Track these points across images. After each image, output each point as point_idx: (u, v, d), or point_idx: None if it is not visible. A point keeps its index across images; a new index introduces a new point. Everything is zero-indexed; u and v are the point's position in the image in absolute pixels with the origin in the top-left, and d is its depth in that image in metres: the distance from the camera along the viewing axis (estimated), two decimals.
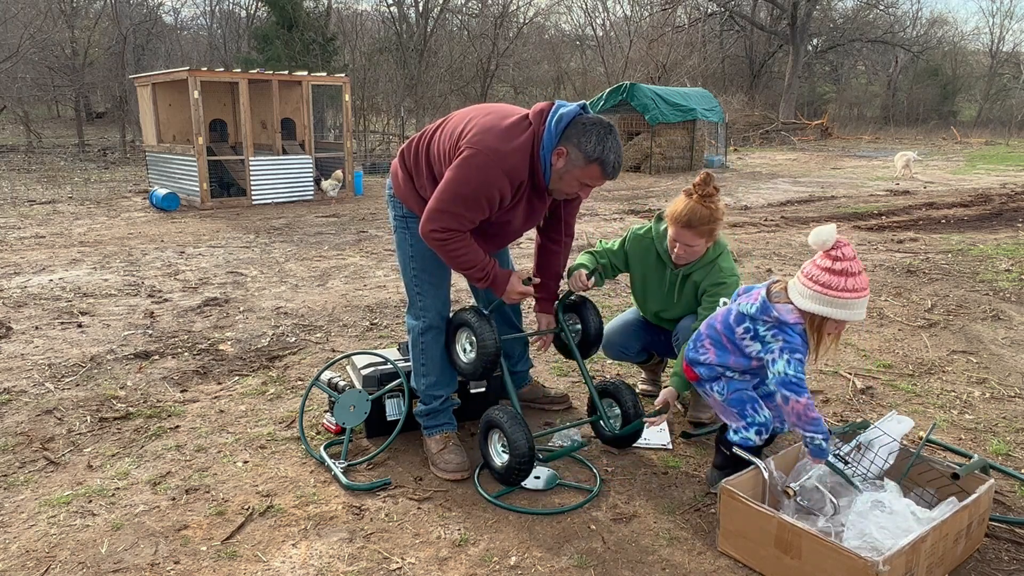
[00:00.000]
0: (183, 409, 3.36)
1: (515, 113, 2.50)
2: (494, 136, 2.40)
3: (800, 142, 25.88)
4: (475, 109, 2.59)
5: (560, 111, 2.43)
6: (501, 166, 2.38)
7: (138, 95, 11.70)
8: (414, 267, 2.76)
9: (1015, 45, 48.93)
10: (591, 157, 2.40)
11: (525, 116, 2.47)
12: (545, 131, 2.41)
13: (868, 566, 1.90)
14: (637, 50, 30.14)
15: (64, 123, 24.01)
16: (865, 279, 2.23)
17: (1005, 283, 5.76)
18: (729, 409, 2.54)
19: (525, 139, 2.42)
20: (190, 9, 54.91)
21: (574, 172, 2.44)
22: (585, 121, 2.42)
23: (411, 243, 2.74)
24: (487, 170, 2.38)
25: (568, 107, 2.45)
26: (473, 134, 2.41)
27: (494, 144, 2.38)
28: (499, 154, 2.38)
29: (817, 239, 2.22)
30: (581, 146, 2.39)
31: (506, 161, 2.39)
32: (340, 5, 27.03)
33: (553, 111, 2.44)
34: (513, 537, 2.38)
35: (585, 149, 2.39)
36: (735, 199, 11.49)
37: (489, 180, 2.39)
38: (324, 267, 6.45)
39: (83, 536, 2.37)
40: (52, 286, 5.66)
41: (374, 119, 23.31)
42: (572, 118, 2.42)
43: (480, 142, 2.38)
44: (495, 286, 2.65)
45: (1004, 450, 2.98)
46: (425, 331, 2.80)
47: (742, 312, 2.41)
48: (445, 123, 2.62)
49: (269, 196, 10.65)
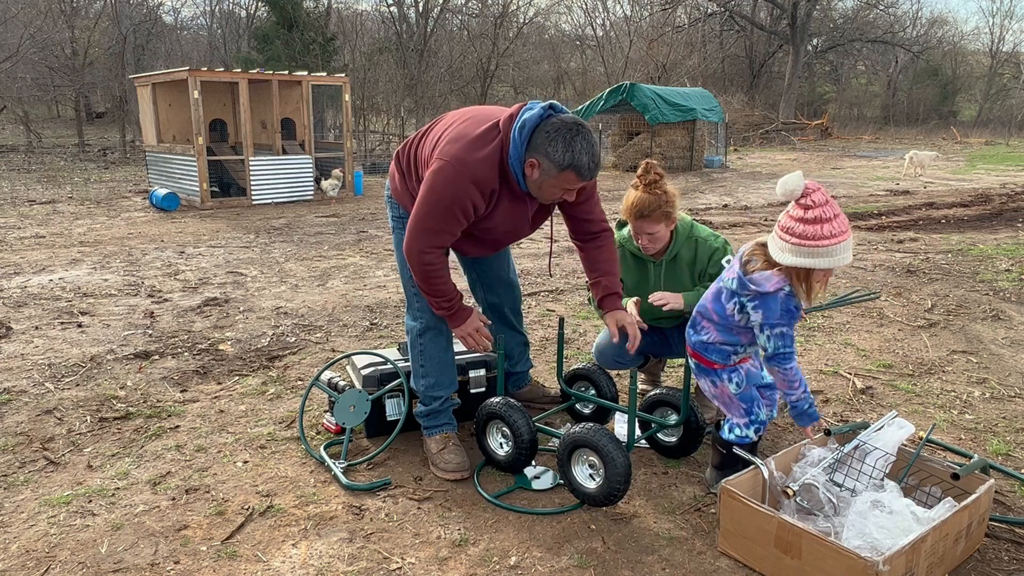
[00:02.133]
0: (183, 409, 3.36)
1: (493, 118, 2.45)
2: (462, 147, 2.38)
3: (800, 142, 25.88)
4: (460, 114, 2.59)
5: (523, 117, 2.35)
6: (469, 177, 2.36)
7: (138, 95, 11.70)
8: None
9: (1015, 45, 48.98)
10: (563, 165, 2.33)
11: (497, 122, 2.42)
12: (511, 141, 2.36)
13: (868, 566, 1.90)
14: (637, 50, 30.13)
15: (64, 123, 24.01)
16: (843, 221, 2.12)
17: (1005, 283, 5.76)
18: (738, 403, 2.49)
19: (492, 148, 2.38)
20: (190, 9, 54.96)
21: (550, 181, 2.39)
22: (549, 128, 2.32)
23: None
24: (455, 182, 2.37)
25: (531, 112, 2.36)
26: (444, 144, 2.42)
27: (461, 155, 2.37)
28: (465, 164, 2.36)
29: (784, 189, 2.11)
30: (550, 155, 2.32)
31: (473, 172, 2.37)
32: (340, 5, 27.05)
33: (517, 118, 2.37)
34: (513, 537, 2.38)
35: (554, 158, 2.32)
36: (735, 199, 11.49)
37: (458, 192, 2.37)
38: (324, 267, 6.45)
39: (83, 536, 2.37)
40: (52, 286, 5.66)
41: (374, 119, 23.31)
42: (535, 125, 2.34)
43: (448, 152, 2.38)
44: (453, 319, 2.65)
45: (1004, 450, 2.98)
46: (423, 332, 2.80)
47: (727, 288, 2.35)
48: (433, 126, 2.63)
49: (269, 196, 10.65)
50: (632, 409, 2.60)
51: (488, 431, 2.80)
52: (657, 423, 2.86)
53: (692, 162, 16.86)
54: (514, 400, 2.76)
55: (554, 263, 6.58)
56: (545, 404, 3.34)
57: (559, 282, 5.88)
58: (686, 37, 32.21)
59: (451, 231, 2.47)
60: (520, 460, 2.69)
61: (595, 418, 3.17)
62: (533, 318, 4.82)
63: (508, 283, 3.14)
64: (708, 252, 2.99)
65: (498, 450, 2.77)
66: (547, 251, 3.02)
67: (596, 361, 3.29)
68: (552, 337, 4.39)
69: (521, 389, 3.36)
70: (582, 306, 5.13)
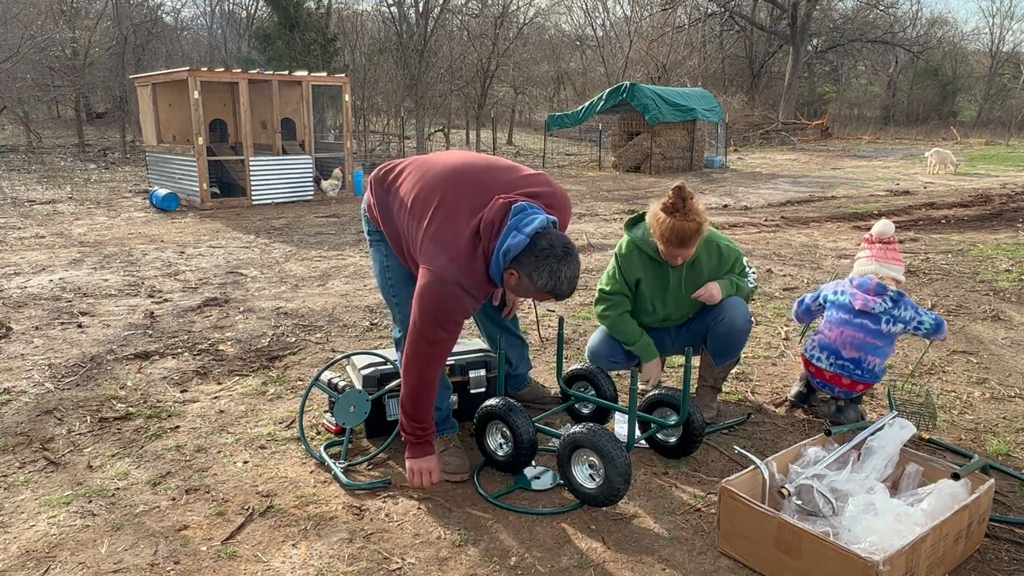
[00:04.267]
0: (183, 409, 3.36)
1: (474, 213, 2.39)
2: (450, 259, 2.37)
3: (800, 142, 25.89)
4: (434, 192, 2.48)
5: (508, 243, 2.29)
6: (462, 289, 2.40)
7: (138, 95, 11.70)
8: (390, 278, 2.78)
9: (1015, 45, 48.93)
10: (543, 290, 2.34)
11: (477, 229, 2.37)
12: (492, 260, 2.35)
13: (868, 566, 1.90)
14: (637, 50, 30.15)
15: (64, 123, 23.99)
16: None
17: (1005, 283, 5.76)
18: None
19: (478, 263, 2.38)
20: (190, 9, 54.86)
21: (527, 292, 2.42)
22: (538, 253, 2.28)
23: (384, 253, 2.78)
24: (451, 294, 2.39)
25: (519, 236, 2.29)
26: (432, 255, 2.40)
27: (451, 273, 2.37)
28: (456, 281, 2.38)
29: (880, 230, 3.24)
30: (532, 279, 2.32)
31: (465, 285, 2.40)
32: (340, 5, 27.04)
33: (502, 240, 2.31)
34: (513, 537, 2.38)
35: (536, 284, 2.32)
36: (735, 199, 11.49)
37: (455, 301, 2.41)
38: (324, 267, 6.45)
39: (83, 536, 2.37)
40: (52, 286, 5.66)
41: (374, 119, 23.32)
42: (521, 251, 2.30)
43: (437, 269, 2.37)
44: (416, 448, 2.60)
45: (1004, 450, 2.98)
46: None
47: (875, 314, 2.99)
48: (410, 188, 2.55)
49: (269, 196, 10.65)
50: (632, 409, 2.60)
51: (488, 432, 2.79)
52: (657, 423, 2.86)
53: (692, 162, 16.87)
54: (514, 401, 2.76)
55: None
56: (545, 404, 3.34)
57: None
58: (686, 37, 32.22)
59: (453, 337, 2.50)
60: (520, 461, 2.69)
61: (595, 418, 3.17)
62: (533, 318, 4.82)
63: None
64: (732, 256, 3.08)
65: (498, 451, 2.77)
66: None
67: (590, 362, 3.29)
68: (552, 337, 4.39)
69: (521, 390, 3.36)
70: (582, 306, 5.13)
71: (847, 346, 3.01)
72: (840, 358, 3.02)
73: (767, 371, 3.89)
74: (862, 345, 2.99)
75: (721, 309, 3.05)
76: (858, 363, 3.00)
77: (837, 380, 3.06)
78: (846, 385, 3.05)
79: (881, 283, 3.07)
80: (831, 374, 3.06)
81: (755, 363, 4.01)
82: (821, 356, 3.08)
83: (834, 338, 3.05)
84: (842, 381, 3.05)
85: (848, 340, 3.01)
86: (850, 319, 3.03)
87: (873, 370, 3.01)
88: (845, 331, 3.03)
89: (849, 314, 3.04)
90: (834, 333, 3.06)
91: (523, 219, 2.32)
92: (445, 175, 2.52)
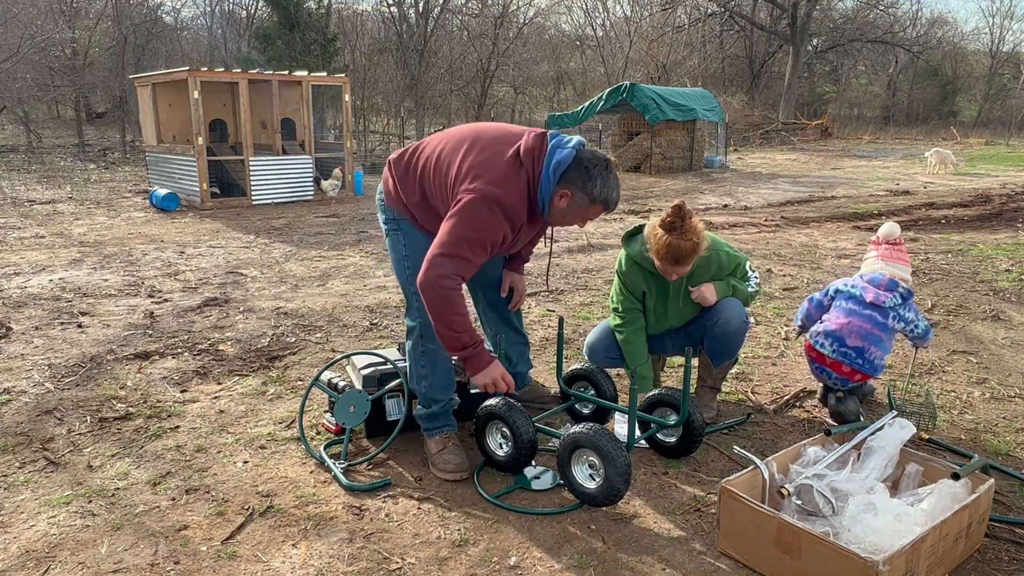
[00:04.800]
0: (183, 409, 3.36)
1: (508, 145, 2.49)
2: (494, 181, 2.42)
3: (800, 142, 25.88)
4: (465, 138, 2.58)
5: (556, 158, 2.43)
6: (503, 213, 2.43)
7: (138, 95, 11.70)
8: (408, 266, 2.76)
9: (1015, 45, 48.86)
10: (596, 199, 2.47)
11: (517, 153, 2.47)
12: (542, 177, 2.44)
13: (868, 566, 1.90)
14: (637, 50, 30.13)
15: (64, 123, 24.01)
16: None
17: (1005, 283, 5.76)
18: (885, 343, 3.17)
19: (521, 184, 2.45)
20: (190, 9, 54.84)
21: (578, 211, 2.50)
22: (587, 164, 2.44)
23: (404, 243, 2.76)
24: (490, 217, 2.42)
25: (564, 151, 2.44)
26: (472, 178, 2.44)
27: (496, 191, 2.41)
28: (500, 201, 2.42)
29: (887, 232, 3.51)
30: (586, 189, 2.44)
31: (507, 208, 2.44)
32: (340, 5, 27.03)
33: (548, 157, 2.44)
34: (513, 537, 2.38)
35: (591, 193, 2.45)
36: (735, 199, 11.49)
37: (494, 226, 2.44)
38: (324, 267, 6.45)
39: (83, 536, 2.37)
40: (52, 286, 5.66)
41: (374, 119, 23.33)
42: (569, 163, 2.44)
43: (481, 187, 2.41)
44: (475, 361, 2.56)
45: (1004, 450, 2.98)
46: (425, 331, 2.79)
47: (884, 307, 3.07)
48: (435, 147, 2.63)
49: (269, 196, 10.65)
50: (632, 409, 2.60)
51: (488, 431, 2.79)
52: (657, 423, 2.86)
53: (692, 162, 16.86)
54: (514, 400, 2.76)
55: (554, 263, 6.58)
56: (545, 404, 3.34)
57: (559, 282, 5.89)
58: (686, 37, 32.20)
59: (477, 262, 2.49)
60: (520, 460, 2.69)
61: (595, 418, 3.17)
62: (533, 318, 4.82)
63: None
64: (733, 264, 3.08)
65: (498, 451, 2.77)
66: (546, 251, 3.03)
67: (587, 359, 3.29)
68: (552, 337, 4.39)
69: (521, 389, 3.36)
70: (582, 306, 5.13)
71: (852, 335, 3.05)
72: (844, 345, 3.06)
73: (767, 371, 3.89)
74: (867, 335, 3.04)
75: (717, 311, 3.06)
76: (860, 352, 3.04)
77: (837, 367, 3.09)
78: (845, 372, 3.08)
79: (893, 279, 3.17)
80: (832, 360, 3.09)
81: (755, 363, 4.01)
82: (825, 343, 3.11)
83: (840, 326, 3.09)
84: (842, 368, 3.08)
85: (855, 329, 3.05)
86: (859, 310, 3.10)
87: (873, 361, 3.05)
88: (852, 320, 3.07)
89: (859, 305, 3.11)
90: (841, 321, 3.10)
91: (561, 140, 2.48)
92: (468, 129, 2.65)
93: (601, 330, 3.30)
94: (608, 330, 3.28)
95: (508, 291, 3.13)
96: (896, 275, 3.23)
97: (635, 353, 3.15)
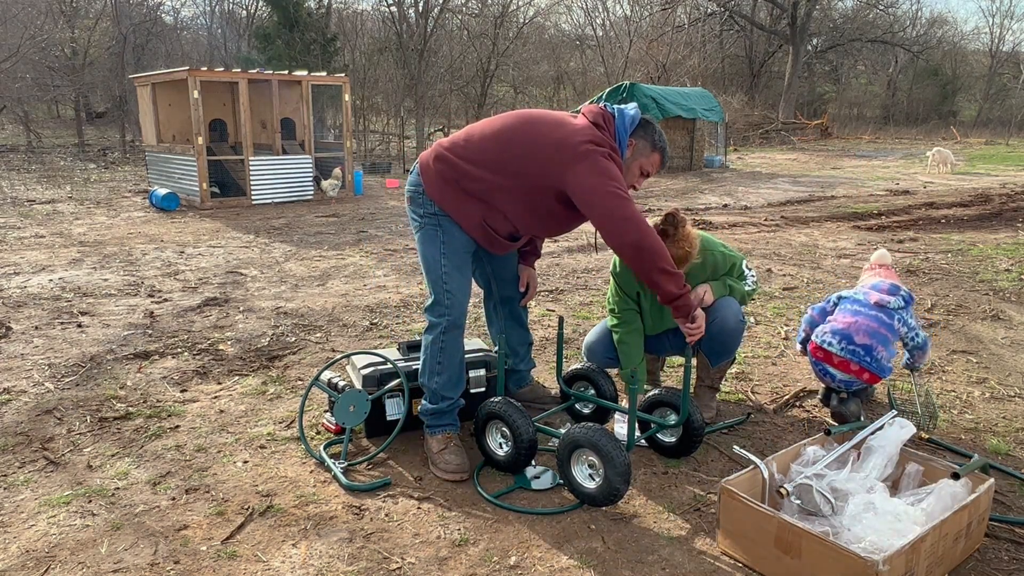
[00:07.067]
0: (183, 409, 3.36)
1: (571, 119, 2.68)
2: (592, 134, 2.58)
3: (800, 142, 25.89)
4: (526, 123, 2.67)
5: (628, 115, 2.69)
6: (611, 158, 2.59)
7: (138, 95, 11.70)
8: (445, 264, 2.75)
9: (1015, 45, 48.84)
10: (656, 146, 2.73)
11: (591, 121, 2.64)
12: (618, 132, 2.66)
13: (868, 566, 1.90)
14: (637, 50, 30.12)
15: (64, 123, 24.00)
16: None
17: (1005, 283, 5.76)
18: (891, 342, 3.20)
19: (608, 137, 2.64)
20: (190, 9, 54.87)
21: (639, 160, 2.73)
22: (648, 119, 2.76)
23: (443, 240, 2.76)
24: (607, 164, 2.56)
25: (631, 111, 2.71)
26: (577, 137, 2.56)
27: (600, 138, 2.58)
28: (611, 148, 2.60)
29: (879, 257, 3.70)
30: (648, 137, 2.71)
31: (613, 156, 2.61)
32: (340, 5, 27.02)
33: (619, 116, 2.67)
34: (513, 537, 2.38)
35: (652, 140, 2.72)
36: (735, 199, 11.49)
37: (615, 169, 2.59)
38: (324, 267, 6.45)
39: (83, 536, 2.37)
40: (52, 286, 5.66)
41: (374, 119, 23.30)
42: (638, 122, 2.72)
43: (591, 141, 2.56)
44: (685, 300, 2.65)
45: (1004, 450, 2.98)
46: (448, 329, 2.78)
47: (889, 308, 3.12)
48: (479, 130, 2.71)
49: (269, 196, 10.65)
50: (632, 409, 2.60)
51: (488, 431, 2.80)
52: (657, 423, 2.86)
53: (692, 162, 16.86)
54: (514, 400, 2.76)
55: (554, 263, 6.58)
56: (545, 404, 3.34)
57: (559, 282, 5.89)
58: (686, 37, 32.19)
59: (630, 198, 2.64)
60: (520, 460, 2.69)
61: (595, 418, 3.17)
62: (533, 318, 4.82)
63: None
64: (728, 263, 3.08)
65: (497, 450, 2.77)
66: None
67: (586, 359, 3.29)
68: (552, 336, 4.39)
69: (521, 389, 3.36)
70: (582, 306, 5.13)
71: (860, 332, 3.06)
72: (852, 343, 3.06)
73: (767, 371, 3.89)
74: (875, 334, 3.05)
75: (713, 310, 3.06)
76: (869, 350, 3.04)
77: (845, 366, 3.08)
78: (853, 371, 3.07)
79: (895, 284, 3.21)
80: (840, 359, 3.08)
81: (755, 363, 4.01)
82: (832, 341, 3.10)
83: (848, 324, 3.10)
84: (850, 367, 3.07)
85: (863, 327, 3.07)
86: (865, 311, 3.13)
87: (880, 361, 3.05)
88: (859, 319, 3.09)
89: (864, 307, 3.14)
90: (848, 320, 3.11)
91: (619, 106, 2.73)
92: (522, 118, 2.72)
93: (600, 330, 3.30)
94: (607, 330, 3.28)
95: (525, 286, 3.17)
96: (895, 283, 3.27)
97: (630, 354, 3.15)
